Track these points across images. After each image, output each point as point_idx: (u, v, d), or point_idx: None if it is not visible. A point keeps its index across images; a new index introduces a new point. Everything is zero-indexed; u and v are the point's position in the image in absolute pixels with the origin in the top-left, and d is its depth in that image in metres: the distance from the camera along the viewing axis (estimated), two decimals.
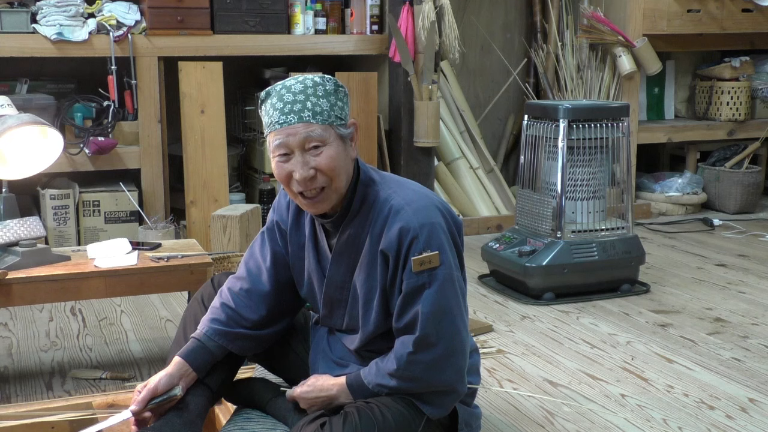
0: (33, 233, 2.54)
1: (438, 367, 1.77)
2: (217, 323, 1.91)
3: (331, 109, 1.74)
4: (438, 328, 1.75)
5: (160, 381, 1.82)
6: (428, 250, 1.74)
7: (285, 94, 1.73)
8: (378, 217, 1.79)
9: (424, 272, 1.74)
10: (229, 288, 1.96)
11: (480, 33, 5.07)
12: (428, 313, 1.74)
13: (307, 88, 1.73)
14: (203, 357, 1.88)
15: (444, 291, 1.76)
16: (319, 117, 1.72)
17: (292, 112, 1.71)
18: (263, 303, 1.94)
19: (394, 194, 1.80)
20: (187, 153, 4.04)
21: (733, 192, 5.05)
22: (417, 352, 1.75)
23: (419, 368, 1.76)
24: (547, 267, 3.35)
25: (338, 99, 1.76)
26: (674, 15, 4.81)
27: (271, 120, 1.74)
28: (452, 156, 4.67)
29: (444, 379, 1.78)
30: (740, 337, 3.00)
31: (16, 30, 3.83)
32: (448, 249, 1.78)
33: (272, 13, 4.22)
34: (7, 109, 2.56)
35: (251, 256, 1.98)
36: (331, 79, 1.78)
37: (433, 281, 1.75)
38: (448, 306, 1.76)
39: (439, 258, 1.75)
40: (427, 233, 1.74)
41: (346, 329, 1.92)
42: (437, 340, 1.75)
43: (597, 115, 3.42)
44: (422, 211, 1.76)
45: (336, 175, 1.75)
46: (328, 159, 1.73)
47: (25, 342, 2.99)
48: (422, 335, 1.74)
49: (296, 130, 1.71)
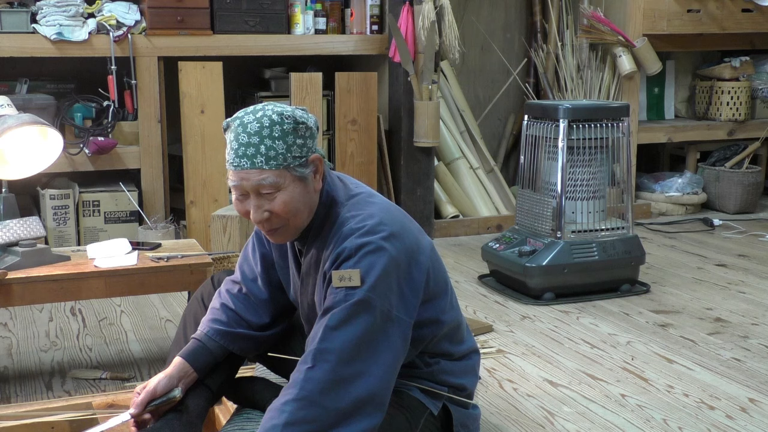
0: (33, 233, 2.54)
1: (336, 385, 1.60)
2: (218, 323, 1.91)
3: (287, 151, 1.67)
4: (339, 345, 1.61)
5: (159, 383, 1.81)
6: (355, 269, 1.65)
7: (241, 134, 1.68)
8: (332, 240, 1.73)
9: (342, 289, 1.65)
10: (228, 290, 1.97)
11: (480, 33, 5.07)
12: (331, 326, 1.63)
13: (263, 128, 1.66)
14: (204, 357, 1.88)
15: (354, 311, 1.63)
16: (273, 162, 1.66)
17: (245, 156, 1.66)
18: (262, 308, 1.94)
19: (351, 218, 1.73)
20: (187, 153, 4.04)
21: (733, 192, 5.05)
22: (314, 367, 1.61)
23: (314, 386, 1.59)
24: (547, 267, 3.35)
25: (297, 137, 1.69)
26: (674, 15, 4.81)
27: (228, 157, 1.71)
28: (452, 156, 4.67)
29: (345, 402, 1.60)
30: (740, 337, 3.00)
31: (16, 30, 3.83)
32: (383, 276, 1.66)
33: (272, 13, 4.22)
34: (7, 109, 2.55)
35: (245, 259, 1.99)
36: (290, 117, 1.69)
37: (348, 299, 1.64)
38: (355, 326, 1.63)
39: (360, 277, 1.64)
40: (361, 254, 1.66)
41: None
42: (335, 356, 1.61)
43: (597, 115, 3.42)
44: (369, 236, 1.68)
45: (292, 216, 1.71)
46: (282, 204, 1.69)
47: (25, 342, 2.99)
48: (320, 348, 1.62)
49: (249, 176, 1.67)
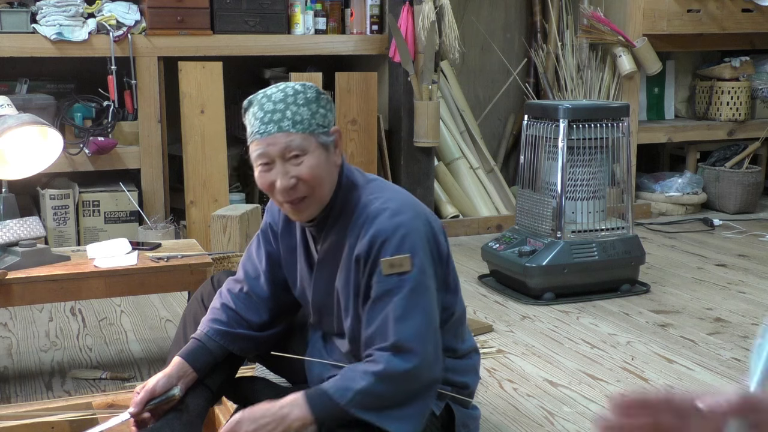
0: (33, 233, 2.54)
1: (415, 374, 1.68)
2: (218, 323, 1.91)
3: (312, 117, 1.71)
4: (412, 335, 1.67)
5: (159, 382, 1.81)
6: (399, 253, 1.69)
7: (265, 104, 1.71)
8: (356, 223, 1.75)
9: (393, 276, 1.69)
10: (229, 290, 1.96)
11: (480, 33, 5.07)
12: (399, 318, 1.67)
13: (287, 96, 1.71)
14: (204, 357, 1.88)
15: (415, 297, 1.69)
16: (299, 126, 1.70)
17: (271, 122, 1.69)
18: (263, 306, 1.94)
19: (374, 199, 1.76)
20: (187, 153, 4.04)
21: (733, 192, 5.05)
22: (396, 356, 1.67)
23: (396, 370, 1.66)
24: (547, 267, 3.35)
25: (320, 106, 1.73)
26: (674, 15, 4.81)
27: (252, 130, 1.73)
28: (452, 156, 4.66)
29: (416, 386, 1.69)
30: (740, 337, 3.00)
31: (16, 30, 3.83)
32: (423, 255, 1.72)
33: (272, 13, 4.22)
34: (7, 109, 2.56)
35: (248, 258, 1.98)
36: (312, 86, 1.75)
37: (404, 286, 1.68)
38: (419, 312, 1.69)
39: (411, 262, 1.69)
40: (400, 237, 1.69)
41: (337, 333, 1.91)
42: (413, 348, 1.67)
43: (597, 115, 3.42)
44: (399, 216, 1.72)
45: (317, 184, 1.73)
46: (309, 168, 1.70)
47: (25, 342, 2.99)
48: (398, 341, 1.67)
49: (276, 140, 1.69)
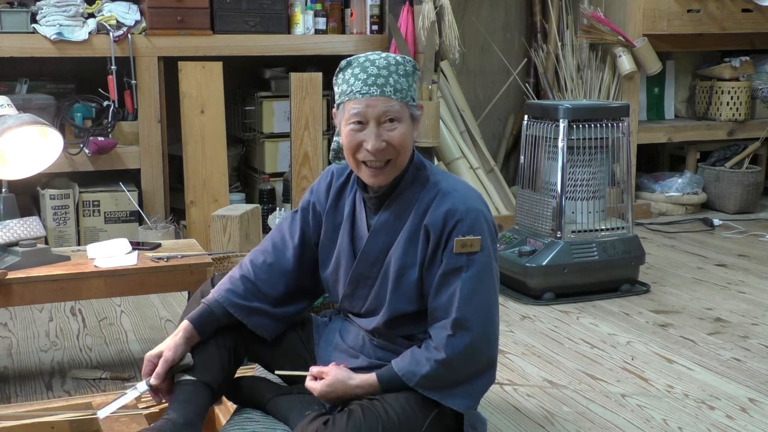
0: (33, 233, 2.54)
1: (473, 352, 1.79)
2: (233, 294, 1.94)
3: (409, 88, 1.81)
4: (474, 313, 1.78)
5: (176, 351, 1.85)
6: (471, 234, 1.79)
7: (369, 67, 1.79)
8: (425, 197, 1.85)
9: (463, 255, 1.79)
10: (252, 260, 1.99)
11: (480, 33, 5.07)
12: (465, 296, 1.78)
13: (390, 65, 1.79)
14: (211, 327, 1.91)
15: (482, 277, 1.80)
16: (399, 94, 1.79)
17: (375, 85, 1.77)
18: (282, 280, 1.97)
19: (443, 180, 1.87)
20: (187, 153, 4.04)
21: (733, 192, 5.04)
22: (455, 335, 1.77)
23: (455, 352, 1.77)
24: (547, 267, 3.35)
25: (414, 81, 1.83)
26: (674, 15, 4.81)
27: (351, 89, 1.79)
28: (452, 156, 4.66)
29: (477, 365, 1.81)
30: (740, 337, 3.00)
31: (16, 30, 3.83)
32: (489, 239, 1.83)
33: (272, 13, 4.22)
34: (7, 109, 2.56)
35: (279, 230, 2.02)
36: (411, 60, 1.84)
37: (472, 265, 1.79)
38: (484, 292, 1.81)
39: (480, 244, 1.80)
40: (472, 218, 1.80)
41: (365, 312, 1.94)
42: (473, 325, 1.78)
43: (597, 115, 3.42)
44: (469, 199, 1.83)
45: (403, 151, 1.81)
46: (400, 135, 1.79)
47: (25, 342, 2.99)
48: (459, 318, 1.77)
49: (376, 103, 1.77)
